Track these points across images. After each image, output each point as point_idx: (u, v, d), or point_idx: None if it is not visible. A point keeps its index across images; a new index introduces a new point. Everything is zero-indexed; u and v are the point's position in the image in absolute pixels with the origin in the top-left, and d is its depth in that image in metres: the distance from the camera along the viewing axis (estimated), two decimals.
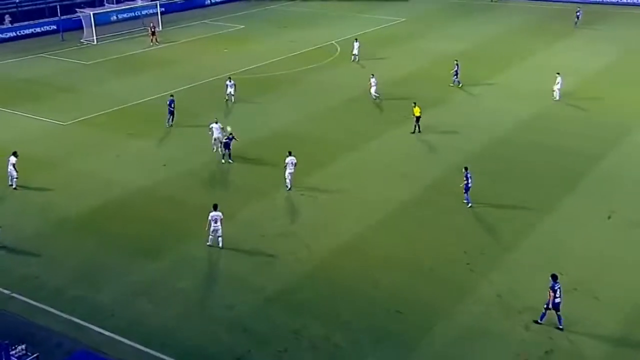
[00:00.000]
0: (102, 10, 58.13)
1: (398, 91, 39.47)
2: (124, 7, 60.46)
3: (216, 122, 30.41)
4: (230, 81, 37.11)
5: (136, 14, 61.13)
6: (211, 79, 42.66)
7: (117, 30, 56.73)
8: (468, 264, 22.12)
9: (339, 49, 50.53)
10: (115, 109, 37.14)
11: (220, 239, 22.99)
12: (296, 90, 40.41)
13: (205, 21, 62.38)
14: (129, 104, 37.76)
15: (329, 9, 67.96)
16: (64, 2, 59.68)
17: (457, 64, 39.67)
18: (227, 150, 29.36)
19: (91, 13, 54.00)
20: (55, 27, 55.91)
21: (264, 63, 46.31)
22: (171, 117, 33.79)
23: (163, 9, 60.50)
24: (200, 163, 29.87)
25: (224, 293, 20.83)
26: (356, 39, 47.10)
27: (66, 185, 27.81)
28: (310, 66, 45.38)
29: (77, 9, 56.27)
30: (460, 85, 39.45)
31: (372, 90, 37.27)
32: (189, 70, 44.87)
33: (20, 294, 20.67)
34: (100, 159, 30.40)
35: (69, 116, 35.76)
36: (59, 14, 55.50)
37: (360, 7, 68.35)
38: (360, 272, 21.74)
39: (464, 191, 25.42)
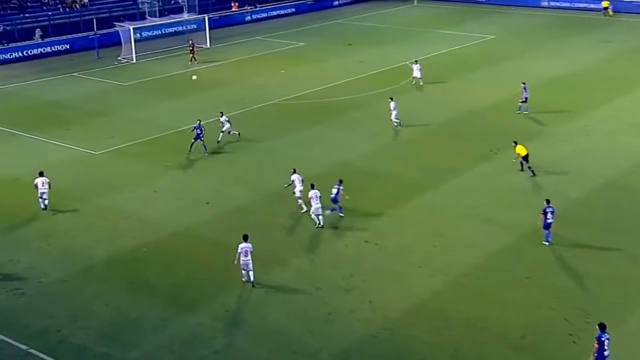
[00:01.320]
0: (143, 25, 60.34)
1: (483, 120, 39.29)
2: (167, 22, 62.61)
3: (295, 172, 29.22)
4: (223, 117, 36.85)
5: (181, 29, 63.24)
6: (263, 104, 43.54)
7: (159, 47, 58.69)
8: (570, 334, 21.46)
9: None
10: (153, 137, 38.16)
11: (251, 273, 23.70)
12: (363, 118, 40.73)
13: (258, 37, 63.94)
14: (169, 132, 38.73)
15: (404, 24, 68.71)
16: (101, 15, 62.48)
17: (524, 88, 39.80)
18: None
19: (131, 28, 56.14)
20: (90, 43, 58.32)
21: (326, 86, 46.93)
22: (200, 142, 34.98)
23: (211, 24, 62.37)
24: (249, 200, 30.32)
25: (271, 356, 20.83)
26: (416, 61, 47.26)
27: (96, 224, 28.55)
28: (381, 90, 45.72)
29: (115, 23, 58.60)
30: (527, 112, 39.57)
31: (392, 115, 38.10)
32: (238, 94, 45.87)
33: (38, 350, 21.02)
34: (135, 194, 31.17)
35: (101, 144, 36.98)
36: (94, 28, 57.91)
37: (440, 23, 68.77)
38: (436, 337, 21.33)
39: (543, 228, 25.76)
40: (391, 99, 39.18)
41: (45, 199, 29.42)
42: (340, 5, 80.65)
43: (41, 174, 29.76)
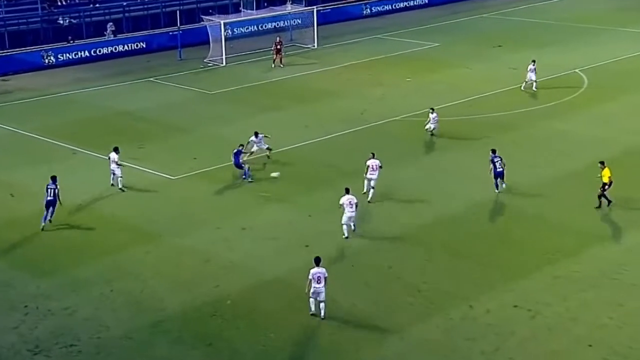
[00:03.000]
0: (237, 19, 61.96)
1: None
2: (267, 15, 64.00)
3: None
4: (255, 137, 37.97)
5: (283, 25, 64.48)
6: (384, 121, 43.55)
7: (254, 47, 60.02)
8: None
9: (586, 81, 49.94)
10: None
11: (322, 305, 25.10)
12: (516, 142, 40.21)
13: (379, 36, 64.34)
14: (265, 153, 39.30)
15: (574, 19, 68.06)
16: (186, 7, 64.57)
17: None
18: None
19: (222, 22, 57.65)
20: (171, 41, 60.27)
21: (466, 99, 46.73)
22: (243, 172, 36.12)
23: (320, 19, 63.33)
24: (360, 245, 30.24)
25: None
26: (533, 61, 47.80)
27: (170, 267, 29.03)
28: (540, 106, 45.24)
29: (203, 16, 60.41)
30: None
31: (430, 125, 40.69)
32: (353, 107, 46.17)
33: None
34: (220, 232, 31.60)
35: (181, 167, 37.80)
36: (177, 23, 59.77)
37: (625, 17, 67.42)
38: None
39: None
40: (432, 109, 40.87)
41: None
42: None
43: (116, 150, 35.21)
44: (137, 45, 60.61)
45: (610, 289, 27.11)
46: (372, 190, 33.71)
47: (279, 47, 55.73)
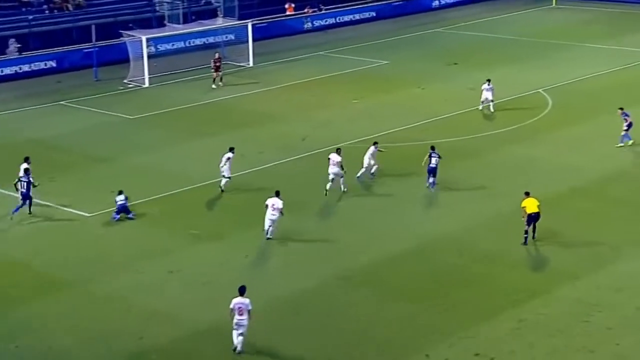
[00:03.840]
0: (161, 34, 61.78)
1: None
2: (195, 30, 63.90)
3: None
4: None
5: (213, 40, 64.49)
6: (328, 147, 43.61)
7: (181, 66, 59.82)
8: None
9: (550, 101, 50.77)
10: (172, 192, 38.61)
11: (241, 338, 25.75)
12: (475, 170, 40.69)
13: (321, 52, 64.69)
14: (195, 185, 39.16)
15: (536, 34, 69.18)
16: (102, 21, 64.13)
17: (624, 116, 42.98)
18: None
19: (143, 38, 57.41)
20: (86, 59, 59.74)
21: (418, 123, 47.21)
22: None
23: (256, 34, 63.32)
24: (308, 287, 30.17)
25: None
26: (488, 80, 48.59)
27: (85, 319, 28.56)
28: (501, 130, 45.89)
29: (122, 31, 60.09)
30: (630, 142, 42.62)
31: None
32: (295, 133, 46.26)
33: None
34: (143, 277, 31.29)
35: (98, 203, 37.26)
36: (93, 39, 59.31)
37: (590, 33, 68.87)
38: None
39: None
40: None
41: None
42: (442, 7, 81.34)
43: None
44: (45, 65, 59.99)
45: (581, 334, 27.28)
46: (342, 180, 37.69)
47: (217, 64, 55.70)
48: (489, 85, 48.77)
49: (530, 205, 33.04)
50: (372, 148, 39.49)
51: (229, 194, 38.12)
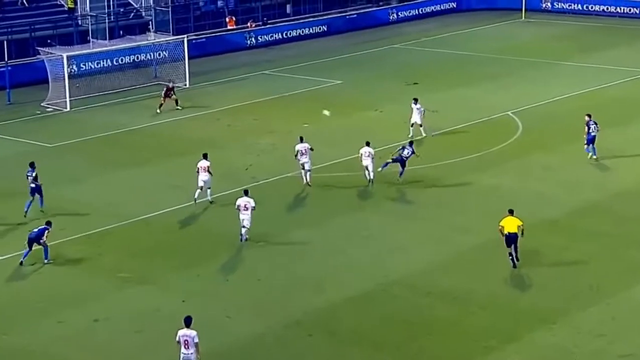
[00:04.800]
0: (84, 52, 61.55)
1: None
2: (124, 46, 63.77)
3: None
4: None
5: (144, 58, 64.52)
6: (275, 177, 43.84)
7: (107, 87, 59.70)
8: None
9: (520, 125, 51.37)
10: (97, 230, 38.38)
11: None
12: (437, 201, 41.05)
13: (266, 72, 64.91)
14: (123, 222, 39.06)
15: (504, 50, 70.08)
16: (16, 36, 63.62)
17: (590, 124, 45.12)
18: None
19: (64, 55, 57.22)
20: None
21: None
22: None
23: (192, 51, 63.52)
24: (252, 339, 30.18)
25: None
26: (415, 100, 49.34)
27: None
28: (467, 157, 46.19)
29: (39, 48, 59.80)
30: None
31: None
32: (238, 161, 46.31)
33: None
34: (65, 326, 30.95)
35: (10, 242, 37.00)
36: (5, 57, 58.82)
37: (563, 49, 69.99)
38: None
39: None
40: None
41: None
42: (400, 20, 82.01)
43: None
44: None
45: None
46: (308, 173, 41.94)
47: (170, 87, 55.61)
48: (416, 104, 49.27)
49: (509, 224, 33.64)
50: (366, 149, 42.46)
51: (158, 231, 38.08)
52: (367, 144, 42.45)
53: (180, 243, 37.24)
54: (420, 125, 49.03)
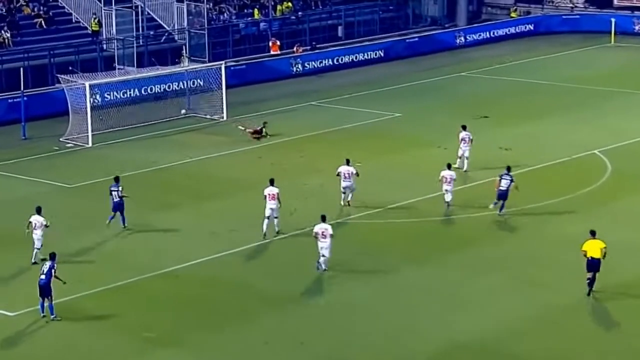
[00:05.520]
0: (109, 80, 61.63)
1: None
2: (154, 74, 63.67)
3: None
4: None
5: (178, 87, 64.74)
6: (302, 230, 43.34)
7: (134, 120, 59.96)
8: None
9: (609, 166, 50.99)
10: (118, 283, 38.24)
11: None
12: (512, 255, 40.58)
13: (313, 103, 64.98)
14: (147, 274, 38.93)
15: (589, 79, 69.80)
16: (34, 62, 64.19)
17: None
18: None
19: (87, 84, 57.25)
20: (12, 111, 59.56)
21: (436, 193, 46.64)
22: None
23: (230, 79, 63.80)
24: None
25: None
26: (464, 126, 50.67)
27: None
28: (543, 203, 45.78)
29: (59, 76, 60.12)
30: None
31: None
32: (282, 205, 45.91)
33: None
34: None
35: (21, 298, 36.76)
36: (21, 85, 59.01)
37: None
38: None
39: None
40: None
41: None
42: (468, 45, 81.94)
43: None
44: None
45: None
46: (351, 194, 44.90)
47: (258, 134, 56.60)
48: (466, 133, 50.01)
49: (592, 248, 34.44)
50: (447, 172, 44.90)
51: (191, 284, 37.89)
52: (449, 167, 45.03)
53: (214, 299, 36.87)
54: (467, 158, 49.61)
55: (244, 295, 37.13)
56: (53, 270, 34.68)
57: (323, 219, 38.45)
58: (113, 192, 43.15)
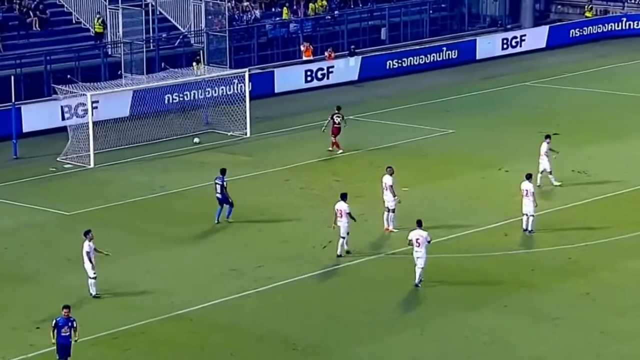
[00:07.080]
0: (113, 90, 61.80)
1: None
2: (165, 83, 63.62)
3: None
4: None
5: (193, 97, 65.04)
6: (359, 261, 43.45)
7: (143, 137, 60.46)
8: None
9: None
10: (123, 327, 38.32)
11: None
12: (582, 300, 40.44)
13: (353, 117, 65.01)
14: (156, 318, 39.01)
15: None
16: (27, 67, 64.55)
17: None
18: None
19: (88, 95, 57.75)
20: (1, 126, 59.78)
21: (500, 222, 47.37)
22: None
23: (253, 88, 63.93)
24: None
25: None
26: (548, 136, 52.56)
27: None
28: (622, 237, 45.72)
29: (55, 86, 60.50)
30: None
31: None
32: (307, 238, 46.31)
33: None
34: None
35: (20, 343, 37.04)
36: (12, 97, 59.27)
37: None
38: None
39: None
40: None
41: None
42: (532, 51, 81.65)
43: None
44: None
45: None
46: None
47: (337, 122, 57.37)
48: (548, 144, 50.70)
49: None
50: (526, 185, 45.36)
51: (202, 325, 38.10)
52: (528, 177, 45.48)
53: (233, 346, 36.86)
54: (550, 173, 49.93)
55: (264, 342, 37.01)
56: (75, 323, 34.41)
57: (419, 224, 39.76)
58: (217, 185, 47.66)
